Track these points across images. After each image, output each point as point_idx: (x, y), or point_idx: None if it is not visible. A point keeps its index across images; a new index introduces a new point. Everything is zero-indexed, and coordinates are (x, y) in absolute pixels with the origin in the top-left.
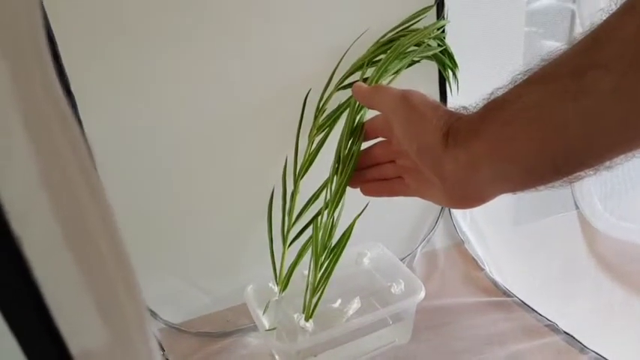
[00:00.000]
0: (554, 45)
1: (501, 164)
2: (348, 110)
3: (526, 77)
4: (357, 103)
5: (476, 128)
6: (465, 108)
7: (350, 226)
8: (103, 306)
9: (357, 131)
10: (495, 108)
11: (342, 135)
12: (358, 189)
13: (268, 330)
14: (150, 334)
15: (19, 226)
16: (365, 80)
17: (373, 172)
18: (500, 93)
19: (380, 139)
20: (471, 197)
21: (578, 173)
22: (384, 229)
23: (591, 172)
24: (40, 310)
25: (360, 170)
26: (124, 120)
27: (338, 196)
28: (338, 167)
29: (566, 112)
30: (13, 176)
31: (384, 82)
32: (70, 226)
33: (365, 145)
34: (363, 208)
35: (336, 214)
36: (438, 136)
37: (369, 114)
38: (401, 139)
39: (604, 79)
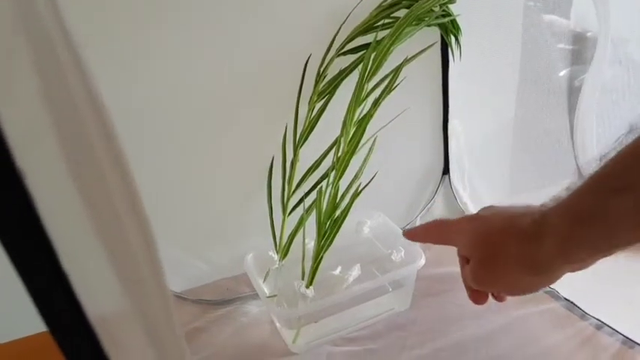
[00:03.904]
0: (553, 19)
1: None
2: (358, 75)
3: (598, 186)
4: (368, 69)
5: (564, 252)
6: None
7: (354, 195)
8: (123, 269)
9: None
10: (581, 225)
11: (350, 103)
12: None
13: (269, 297)
14: (170, 302)
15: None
16: (378, 43)
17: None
18: (569, 200)
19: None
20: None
21: None
22: (383, 198)
23: None
24: (52, 262)
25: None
26: (121, 86)
27: (345, 162)
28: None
29: None
30: (16, 107)
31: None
32: (79, 164)
33: None
34: (370, 180)
35: (341, 184)
36: (522, 271)
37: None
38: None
39: None
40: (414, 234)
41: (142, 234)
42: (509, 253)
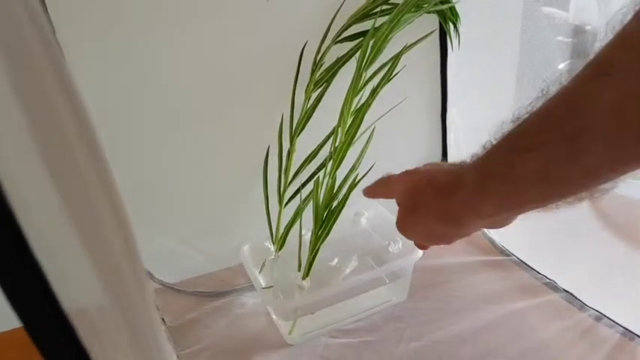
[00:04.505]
0: (552, 11)
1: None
2: (356, 63)
3: (508, 145)
4: (366, 57)
5: (473, 206)
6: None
7: (351, 185)
8: (101, 265)
9: None
10: (491, 180)
11: (348, 92)
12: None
13: (265, 288)
14: (149, 297)
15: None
16: (376, 30)
17: None
18: (482, 157)
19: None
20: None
21: None
22: None
23: None
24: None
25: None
26: (116, 76)
27: (342, 152)
28: (342, 123)
29: (568, 170)
30: None
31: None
32: (59, 167)
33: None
34: (367, 170)
35: (338, 174)
36: (436, 222)
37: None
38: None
39: (597, 142)
40: (369, 191)
41: (122, 231)
42: (428, 204)
